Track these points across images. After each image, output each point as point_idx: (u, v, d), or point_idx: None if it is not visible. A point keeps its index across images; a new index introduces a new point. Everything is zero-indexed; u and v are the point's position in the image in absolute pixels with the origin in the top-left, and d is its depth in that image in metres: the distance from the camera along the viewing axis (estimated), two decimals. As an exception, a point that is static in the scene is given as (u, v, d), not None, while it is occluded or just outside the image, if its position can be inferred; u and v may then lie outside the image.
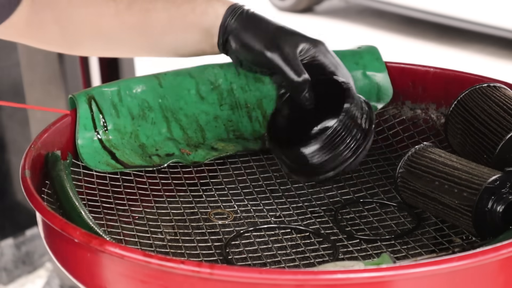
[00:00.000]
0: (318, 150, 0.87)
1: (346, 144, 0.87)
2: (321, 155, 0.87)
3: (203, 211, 0.92)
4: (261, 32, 0.93)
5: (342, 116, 0.87)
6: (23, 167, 0.85)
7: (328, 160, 0.87)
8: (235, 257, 0.84)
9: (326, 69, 0.92)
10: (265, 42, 0.92)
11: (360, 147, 0.88)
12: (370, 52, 1.11)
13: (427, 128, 1.07)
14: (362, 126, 0.88)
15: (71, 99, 1.00)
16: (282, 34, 0.92)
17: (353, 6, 5.77)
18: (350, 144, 0.88)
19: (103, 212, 0.90)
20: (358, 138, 0.88)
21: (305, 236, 0.88)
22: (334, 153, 0.87)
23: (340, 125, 0.87)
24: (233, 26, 0.94)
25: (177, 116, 1.04)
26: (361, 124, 0.88)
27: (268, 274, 0.66)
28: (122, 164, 0.97)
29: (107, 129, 0.99)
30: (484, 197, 0.80)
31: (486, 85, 0.97)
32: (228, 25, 0.94)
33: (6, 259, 2.42)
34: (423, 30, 5.15)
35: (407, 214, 0.91)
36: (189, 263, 0.67)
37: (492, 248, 0.69)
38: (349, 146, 0.87)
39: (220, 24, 0.94)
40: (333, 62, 0.93)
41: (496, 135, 0.90)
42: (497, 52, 4.73)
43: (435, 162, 0.87)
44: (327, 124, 0.89)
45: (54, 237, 0.78)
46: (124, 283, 0.71)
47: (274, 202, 0.94)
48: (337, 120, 0.87)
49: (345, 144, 0.87)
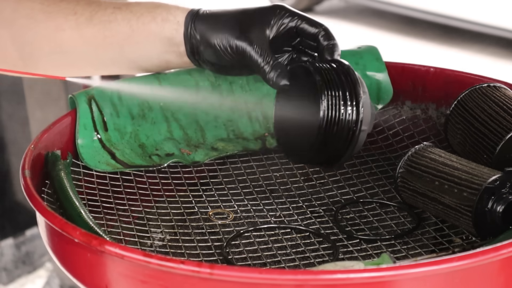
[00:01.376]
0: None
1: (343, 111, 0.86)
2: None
3: (203, 211, 0.92)
4: (224, 26, 0.92)
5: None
6: (23, 167, 0.85)
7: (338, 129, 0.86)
8: (235, 257, 0.84)
9: (306, 31, 0.93)
10: (230, 33, 0.91)
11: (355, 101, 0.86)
12: (370, 52, 1.11)
13: (427, 128, 1.07)
14: (345, 89, 0.86)
15: (71, 99, 1.00)
16: (246, 19, 0.92)
17: (353, 6, 5.76)
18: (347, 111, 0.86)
19: (103, 212, 0.90)
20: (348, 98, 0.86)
21: (305, 236, 0.88)
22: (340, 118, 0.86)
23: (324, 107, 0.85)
24: (196, 29, 0.93)
25: (177, 116, 1.04)
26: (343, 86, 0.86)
27: (268, 274, 0.66)
28: (122, 164, 0.97)
29: (107, 129, 0.99)
30: (484, 197, 0.80)
31: (486, 85, 0.97)
32: (191, 30, 0.93)
33: (6, 259, 2.42)
34: (423, 30, 5.15)
35: (407, 214, 0.91)
36: (189, 263, 0.67)
37: (492, 248, 0.69)
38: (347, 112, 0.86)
39: (183, 31, 0.93)
40: (304, 19, 0.93)
41: (496, 135, 0.90)
42: (497, 52, 4.73)
43: (435, 162, 0.87)
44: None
45: (54, 237, 0.78)
46: (124, 283, 0.71)
47: (274, 202, 0.94)
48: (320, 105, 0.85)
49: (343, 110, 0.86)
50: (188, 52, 0.94)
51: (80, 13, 0.95)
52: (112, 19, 0.94)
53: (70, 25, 0.95)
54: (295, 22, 0.93)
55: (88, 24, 0.95)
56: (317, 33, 0.92)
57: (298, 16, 0.93)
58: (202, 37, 0.93)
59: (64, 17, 0.95)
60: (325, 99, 0.85)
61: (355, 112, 0.85)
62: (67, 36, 0.96)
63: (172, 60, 0.96)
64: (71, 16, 0.95)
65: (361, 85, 0.86)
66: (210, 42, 0.92)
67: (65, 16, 0.95)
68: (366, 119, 0.86)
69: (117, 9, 0.94)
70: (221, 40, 0.91)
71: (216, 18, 0.93)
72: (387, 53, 1.15)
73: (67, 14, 0.95)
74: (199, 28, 0.93)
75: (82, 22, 0.95)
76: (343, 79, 0.86)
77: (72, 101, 1.00)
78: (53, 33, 0.96)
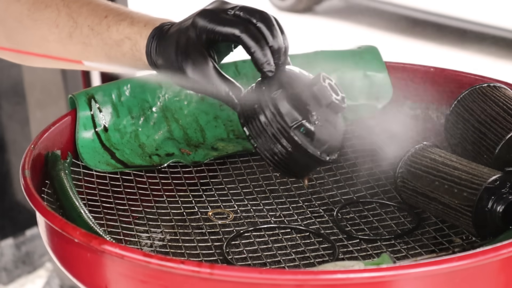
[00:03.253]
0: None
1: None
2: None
3: (203, 211, 0.92)
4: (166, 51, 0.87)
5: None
6: (23, 167, 0.85)
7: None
8: (235, 257, 0.84)
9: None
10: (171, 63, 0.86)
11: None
12: (370, 52, 1.11)
13: (427, 128, 1.07)
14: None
15: (71, 99, 1.00)
16: (183, 46, 0.85)
17: (353, 6, 5.76)
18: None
19: (103, 212, 0.90)
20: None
21: (305, 236, 0.88)
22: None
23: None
24: (156, 57, 0.88)
25: (177, 116, 1.04)
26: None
27: (268, 274, 0.66)
28: (122, 164, 0.97)
29: (107, 129, 0.99)
30: (484, 197, 0.80)
31: (486, 85, 0.97)
32: (152, 59, 0.89)
33: (6, 259, 2.42)
34: (423, 30, 5.15)
35: (407, 214, 0.91)
36: (189, 263, 0.67)
37: (492, 248, 0.69)
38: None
39: (148, 60, 0.90)
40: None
41: (496, 135, 0.90)
42: (497, 52, 4.73)
43: (435, 162, 0.87)
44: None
45: (54, 237, 0.78)
46: (124, 283, 0.71)
47: (274, 202, 0.94)
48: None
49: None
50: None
51: (61, 28, 0.95)
52: (87, 42, 0.93)
53: (54, 38, 0.96)
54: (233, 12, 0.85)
55: (70, 41, 0.95)
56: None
57: (233, 7, 0.85)
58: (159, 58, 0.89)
59: (48, 28, 0.96)
60: (256, 142, 0.84)
61: (287, 147, 0.82)
62: (52, 47, 0.97)
63: (149, 67, 0.94)
64: (54, 28, 0.95)
65: (295, 109, 0.82)
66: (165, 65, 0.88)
67: (49, 28, 0.96)
68: (307, 141, 0.82)
69: (91, 34, 0.93)
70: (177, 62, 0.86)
71: (166, 40, 0.88)
72: (387, 53, 1.15)
73: (50, 25, 0.95)
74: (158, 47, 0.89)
75: (64, 37, 0.95)
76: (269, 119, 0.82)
77: (72, 101, 1.00)
78: (40, 41, 0.97)
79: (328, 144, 0.83)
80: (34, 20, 0.96)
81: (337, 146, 0.85)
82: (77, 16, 0.94)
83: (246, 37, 0.82)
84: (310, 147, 0.82)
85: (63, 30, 0.95)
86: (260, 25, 0.82)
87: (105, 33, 0.92)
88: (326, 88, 0.82)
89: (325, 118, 0.83)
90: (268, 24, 0.83)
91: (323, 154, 0.83)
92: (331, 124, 0.83)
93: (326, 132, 0.83)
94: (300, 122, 0.81)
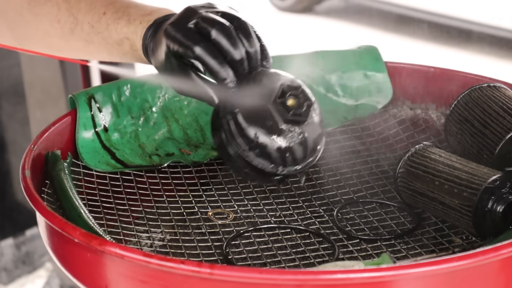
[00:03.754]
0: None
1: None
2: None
3: (203, 211, 0.92)
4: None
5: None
6: (23, 167, 0.85)
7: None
8: (235, 257, 0.84)
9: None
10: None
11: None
12: (370, 52, 1.11)
13: (427, 128, 1.07)
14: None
15: (71, 99, 1.00)
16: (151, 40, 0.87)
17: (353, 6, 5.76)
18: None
19: (103, 212, 0.90)
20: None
21: (305, 236, 0.88)
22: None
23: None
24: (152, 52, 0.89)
25: (177, 116, 1.04)
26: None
27: (268, 274, 0.66)
28: (122, 164, 0.97)
29: (107, 129, 0.99)
30: (484, 197, 0.80)
31: (486, 85, 0.97)
32: (148, 57, 0.89)
33: (6, 259, 2.42)
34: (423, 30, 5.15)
35: (407, 214, 0.91)
36: (189, 263, 0.67)
37: (492, 248, 0.69)
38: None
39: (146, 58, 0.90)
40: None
41: (496, 135, 0.90)
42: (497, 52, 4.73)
43: (435, 162, 0.87)
44: None
45: (54, 237, 0.78)
46: (124, 283, 0.71)
47: (274, 202, 0.94)
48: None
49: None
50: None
51: (62, 23, 0.94)
52: (89, 40, 0.93)
53: (56, 33, 0.95)
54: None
55: (72, 37, 0.95)
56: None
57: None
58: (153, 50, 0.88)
59: (49, 23, 0.95)
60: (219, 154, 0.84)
61: (243, 168, 0.83)
62: (55, 41, 0.96)
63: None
64: (55, 24, 0.95)
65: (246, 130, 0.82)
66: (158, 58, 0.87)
67: (50, 23, 0.95)
68: (258, 160, 0.82)
69: (92, 32, 0.93)
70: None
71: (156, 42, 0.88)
72: (387, 53, 1.15)
73: (52, 20, 0.95)
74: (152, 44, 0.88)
75: (66, 33, 0.95)
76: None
77: (72, 101, 1.00)
78: (42, 36, 0.97)
79: (291, 156, 0.83)
80: (35, 14, 0.96)
81: (302, 156, 0.84)
82: (77, 12, 0.93)
83: (203, 54, 0.81)
84: (267, 166, 0.82)
85: (64, 26, 0.94)
86: (218, 39, 0.82)
87: (105, 32, 0.91)
88: (280, 106, 0.82)
89: (287, 131, 0.82)
90: (228, 35, 0.82)
91: (286, 169, 0.83)
92: (294, 135, 0.83)
93: (287, 145, 0.82)
94: (255, 143, 0.81)
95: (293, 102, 0.82)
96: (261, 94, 0.82)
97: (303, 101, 0.83)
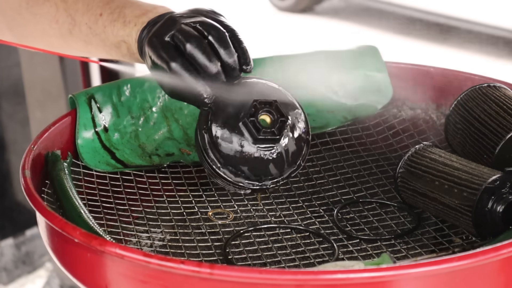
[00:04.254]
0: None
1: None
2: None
3: (203, 211, 0.92)
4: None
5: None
6: (23, 167, 0.85)
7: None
8: (235, 257, 0.84)
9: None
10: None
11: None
12: (370, 52, 1.11)
13: (427, 128, 1.07)
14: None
15: (71, 99, 1.00)
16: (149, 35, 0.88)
17: (353, 6, 5.76)
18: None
19: (103, 212, 0.90)
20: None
21: (305, 236, 0.88)
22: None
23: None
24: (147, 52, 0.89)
25: (177, 116, 1.04)
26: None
27: (268, 274, 0.66)
28: (122, 164, 0.97)
29: (107, 129, 0.99)
30: (484, 197, 0.80)
31: (486, 85, 0.97)
32: (144, 57, 0.89)
33: (6, 259, 2.42)
34: (423, 30, 5.15)
35: (407, 214, 0.91)
36: (189, 263, 0.67)
37: (492, 248, 0.69)
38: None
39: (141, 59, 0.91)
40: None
41: (496, 135, 0.90)
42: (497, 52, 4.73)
43: (435, 162, 0.87)
44: None
45: (54, 237, 0.78)
46: (124, 283, 0.71)
47: (274, 202, 0.94)
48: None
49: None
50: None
51: (61, 24, 0.95)
52: (88, 41, 0.94)
53: (54, 33, 0.96)
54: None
55: (70, 37, 0.95)
56: None
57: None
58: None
59: (48, 24, 0.95)
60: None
61: (221, 181, 0.87)
62: (54, 41, 0.97)
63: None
64: (54, 24, 0.95)
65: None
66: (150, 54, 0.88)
67: (49, 23, 0.95)
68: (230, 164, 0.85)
69: (90, 33, 0.93)
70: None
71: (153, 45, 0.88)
72: (387, 53, 1.16)
73: (50, 20, 0.95)
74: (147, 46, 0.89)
75: (64, 33, 0.95)
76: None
77: (72, 101, 1.00)
78: (41, 35, 0.97)
79: (265, 172, 0.86)
80: (33, 14, 0.96)
81: (277, 172, 0.87)
82: (74, 13, 0.93)
83: (179, 70, 0.83)
84: (243, 181, 0.86)
85: (63, 26, 0.94)
86: (193, 54, 0.84)
87: (103, 34, 0.92)
88: (251, 124, 0.84)
89: (260, 149, 0.85)
90: (203, 49, 0.83)
91: (261, 184, 0.87)
92: (266, 153, 0.85)
93: (259, 163, 0.85)
94: (229, 159, 0.85)
95: (266, 118, 0.84)
96: (234, 111, 0.84)
97: (278, 118, 0.84)
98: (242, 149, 0.85)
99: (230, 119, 0.84)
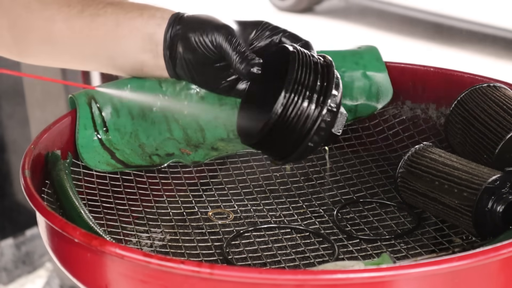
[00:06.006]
0: (276, 131, 0.84)
1: (302, 110, 0.84)
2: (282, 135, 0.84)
3: (203, 211, 0.92)
4: (204, 22, 0.92)
5: (285, 91, 0.83)
6: (23, 167, 0.85)
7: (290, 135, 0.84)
8: (235, 257, 0.84)
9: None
10: (210, 27, 0.92)
11: (320, 106, 0.83)
12: (370, 52, 1.11)
13: (427, 128, 1.07)
14: (316, 84, 0.84)
15: (71, 99, 1.00)
16: (229, 25, 0.92)
17: (353, 6, 5.76)
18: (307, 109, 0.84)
19: (103, 212, 0.90)
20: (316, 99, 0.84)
21: (305, 236, 0.88)
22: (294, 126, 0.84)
23: (286, 99, 0.83)
24: (180, 23, 0.94)
25: (177, 116, 1.04)
26: (314, 81, 0.84)
27: (268, 274, 0.66)
28: (122, 164, 0.97)
29: (107, 129, 0.99)
30: (484, 197, 0.80)
31: (486, 85, 0.97)
32: (174, 24, 0.94)
33: (6, 259, 2.42)
34: (423, 30, 5.15)
35: (407, 214, 0.91)
36: (189, 263, 0.67)
37: (492, 248, 0.69)
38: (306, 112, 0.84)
39: (165, 27, 0.94)
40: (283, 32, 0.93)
41: (496, 135, 0.90)
42: (497, 52, 4.73)
43: (435, 162, 0.87)
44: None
45: (54, 237, 0.78)
46: (124, 283, 0.71)
47: (274, 202, 0.94)
48: (283, 95, 0.83)
49: (301, 110, 0.84)
50: (165, 51, 0.94)
51: (73, 6, 0.96)
52: (101, 13, 0.95)
53: (61, 17, 0.96)
54: (278, 36, 0.93)
55: (78, 17, 0.96)
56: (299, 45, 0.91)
57: (281, 31, 0.93)
58: (182, 30, 0.93)
59: (58, 8, 0.96)
60: (290, 87, 0.83)
61: (317, 111, 0.83)
62: (57, 28, 0.97)
63: (147, 62, 0.96)
64: (64, 8, 0.96)
65: (337, 85, 0.85)
66: (188, 35, 0.93)
67: (59, 7, 0.96)
68: (329, 120, 0.84)
69: (109, 4, 0.96)
70: (200, 33, 0.92)
71: (200, 18, 0.94)
72: (387, 53, 1.16)
73: (61, 5, 0.96)
74: (182, 23, 0.94)
75: (73, 14, 0.96)
76: (319, 71, 0.86)
77: (72, 101, 1.00)
78: (44, 23, 0.97)
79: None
80: (43, 3, 0.97)
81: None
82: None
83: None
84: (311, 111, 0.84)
85: (75, 8, 0.96)
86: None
87: (128, 4, 0.96)
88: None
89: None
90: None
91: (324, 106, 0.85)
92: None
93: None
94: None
95: None
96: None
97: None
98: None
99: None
